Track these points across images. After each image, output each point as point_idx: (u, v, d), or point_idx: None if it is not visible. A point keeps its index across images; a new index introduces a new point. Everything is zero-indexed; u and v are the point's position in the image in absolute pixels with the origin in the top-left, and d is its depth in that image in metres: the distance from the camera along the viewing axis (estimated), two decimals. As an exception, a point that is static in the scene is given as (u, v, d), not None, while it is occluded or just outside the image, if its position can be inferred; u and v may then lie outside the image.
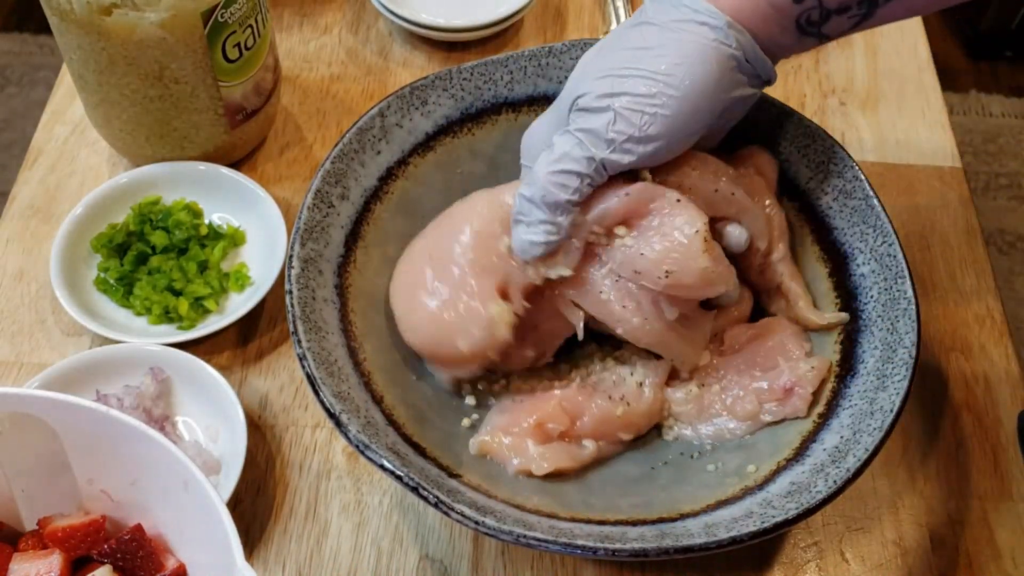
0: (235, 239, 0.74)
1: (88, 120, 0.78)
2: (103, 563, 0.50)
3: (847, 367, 0.59)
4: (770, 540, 0.63)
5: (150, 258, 0.72)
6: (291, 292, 0.57)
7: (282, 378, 0.69)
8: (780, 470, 0.56)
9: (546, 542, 0.50)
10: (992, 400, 0.69)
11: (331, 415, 0.53)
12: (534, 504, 0.56)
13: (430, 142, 0.67)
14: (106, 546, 0.50)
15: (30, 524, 0.53)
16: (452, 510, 0.51)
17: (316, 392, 0.54)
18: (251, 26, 0.71)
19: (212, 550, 0.47)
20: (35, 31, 1.96)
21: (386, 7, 0.86)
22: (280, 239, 0.72)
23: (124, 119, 0.73)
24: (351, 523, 0.63)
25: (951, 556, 0.63)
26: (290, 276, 0.58)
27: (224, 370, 0.68)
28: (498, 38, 0.89)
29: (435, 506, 0.51)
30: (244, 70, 0.73)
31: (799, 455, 0.57)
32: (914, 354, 0.56)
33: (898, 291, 0.59)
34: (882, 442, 0.54)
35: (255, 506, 0.64)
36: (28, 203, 0.78)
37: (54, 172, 0.80)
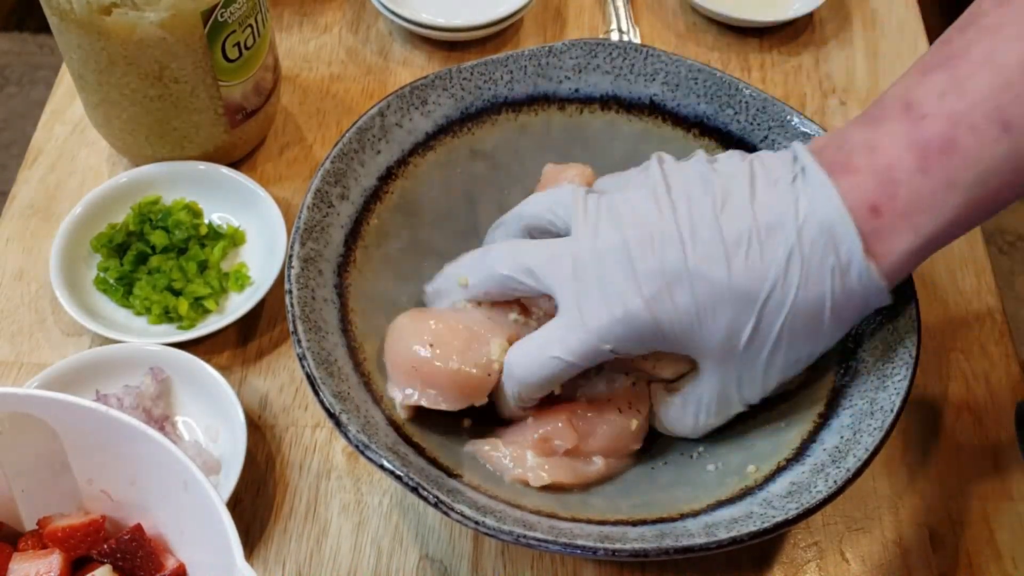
0: (235, 239, 0.74)
1: (88, 120, 0.78)
2: (103, 563, 0.50)
3: (847, 367, 0.59)
4: (770, 540, 0.63)
5: (150, 258, 0.72)
6: (291, 292, 0.57)
7: (282, 378, 0.69)
8: (780, 470, 0.56)
9: (546, 542, 0.50)
10: (992, 400, 0.69)
11: (331, 415, 0.53)
12: (534, 504, 0.55)
13: (430, 142, 0.67)
14: (106, 546, 0.50)
15: (30, 524, 0.53)
16: (452, 510, 0.51)
17: (316, 392, 0.54)
18: (251, 26, 0.71)
19: (212, 550, 0.47)
20: (35, 31, 1.96)
21: (386, 7, 0.86)
22: (280, 239, 0.72)
23: (124, 119, 0.73)
24: (351, 523, 0.63)
25: (951, 556, 0.63)
26: (290, 276, 0.58)
27: (224, 370, 0.68)
28: (498, 38, 0.89)
29: (435, 506, 0.51)
30: (244, 70, 0.73)
31: (799, 455, 0.57)
32: (914, 354, 0.56)
33: (898, 291, 0.59)
34: (882, 442, 0.53)
35: (255, 506, 0.64)
36: (28, 203, 0.78)
37: (54, 172, 0.80)
